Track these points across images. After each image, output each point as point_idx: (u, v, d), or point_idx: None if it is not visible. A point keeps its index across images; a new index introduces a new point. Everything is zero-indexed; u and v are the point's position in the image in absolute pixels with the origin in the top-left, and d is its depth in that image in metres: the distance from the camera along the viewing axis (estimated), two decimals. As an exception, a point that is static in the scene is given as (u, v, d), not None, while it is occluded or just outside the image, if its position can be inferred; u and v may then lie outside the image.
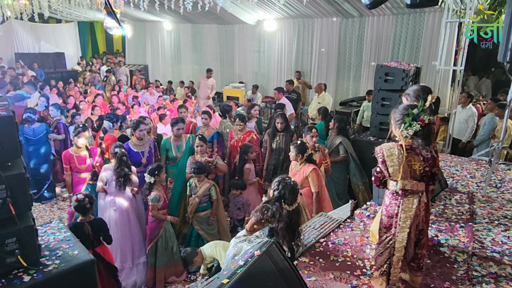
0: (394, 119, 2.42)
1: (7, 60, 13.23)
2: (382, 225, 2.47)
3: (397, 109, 2.42)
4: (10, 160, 2.27)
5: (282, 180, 2.72)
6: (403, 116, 2.33)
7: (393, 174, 2.34)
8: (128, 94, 10.23)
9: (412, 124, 2.30)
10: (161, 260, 4.26)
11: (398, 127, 2.38)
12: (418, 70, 5.46)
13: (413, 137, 2.32)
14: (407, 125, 2.31)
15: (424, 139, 2.31)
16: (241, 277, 1.78)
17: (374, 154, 2.41)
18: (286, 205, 2.64)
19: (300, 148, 3.97)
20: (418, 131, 2.29)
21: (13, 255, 2.22)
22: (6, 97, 2.51)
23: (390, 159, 2.32)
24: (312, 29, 10.27)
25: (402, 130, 2.33)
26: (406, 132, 2.31)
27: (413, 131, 2.29)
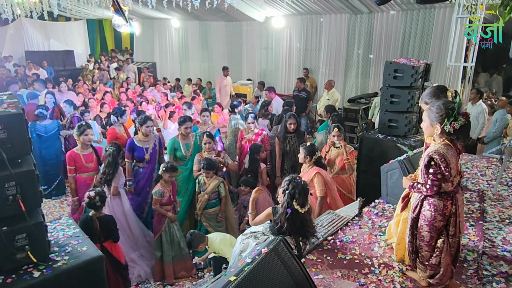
0: (433, 114, 2.29)
1: (17, 58, 13.38)
2: (434, 231, 2.35)
3: (434, 105, 2.31)
4: (20, 157, 2.29)
5: (293, 179, 2.71)
6: (447, 111, 2.23)
7: (453, 174, 2.28)
8: (136, 92, 10.28)
9: (458, 118, 2.22)
10: (167, 255, 4.30)
11: (439, 122, 2.26)
12: (428, 66, 5.39)
13: (455, 133, 2.24)
14: (452, 119, 2.22)
15: (464, 134, 2.26)
16: (248, 275, 1.78)
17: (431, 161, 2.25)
18: (299, 207, 2.62)
19: (309, 150, 3.92)
20: (463, 125, 2.22)
21: (23, 250, 2.25)
22: (16, 94, 2.53)
23: (451, 160, 2.25)
24: (320, 25, 10.21)
25: (445, 124, 2.23)
26: (451, 126, 2.22)
27: (459, 125, 2.21)
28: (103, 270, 2.59)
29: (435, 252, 2.39)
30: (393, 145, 4.97)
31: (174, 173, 4.25)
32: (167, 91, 10.62)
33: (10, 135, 2.16)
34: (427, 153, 2.30)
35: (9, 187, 2.16)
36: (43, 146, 6.12)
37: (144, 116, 4.90)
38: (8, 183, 2.15)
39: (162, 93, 9.93)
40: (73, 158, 4.41)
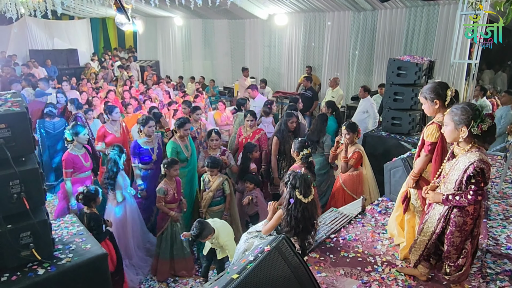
0: (458, 117, 2.19)
1: (21, 57, 13.44)
2: (464, 234, 2.32)
3: (457, 108, 2.22)
4: (24, 155, 2.31)
5: (293, 172, 2.74)
6: (473, 112, 2.14)
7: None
8: (139, 90, 10.30)
9: (485, 119, 2.13)
10: (164, 253, 4.32)
11: (465, 124, 2.16)
12: (432, 64, 5.36)
13: (482, 135, 2.15)
14: (480, 121, 2.13)
15: (491, 136, 2.19)
16: (251, 272, 1.79)
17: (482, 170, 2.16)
18: (302, 196, 2.62)
19: (299, 145, 3.88)
20: (490, 127, 2.15)
21: (27, 248, 2.26)
22: (20, 93, 2.54)
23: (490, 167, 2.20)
24: (323, 23, 10.17)
25: (473, 126, 2.13)
26: (479, 128, 2.13)
27: (487, 126, 2.13)
28: (107, 267, 2.61)
29: (463, 253, 2.37)
30: (396, 143, 4.96)
31: (176, 165, 4.24)
32: (170, 90, 10.63)
33: (14, 134, 2.17)
34: (469, 162, 2.16)
35: (14, 185, 2.18)
36: (51, 143, 6.20)
37: (145, 117, 4.88)
38: (12, 181, 2.17)
39: (164, 91, 9.94)
40: (71, 160, 4.26)
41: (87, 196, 3.52)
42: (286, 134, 5.02)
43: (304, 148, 3.85)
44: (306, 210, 2.64)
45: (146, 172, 4.86)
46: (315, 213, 2.76)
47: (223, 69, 13.21)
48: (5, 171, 2.14)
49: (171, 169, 4.20)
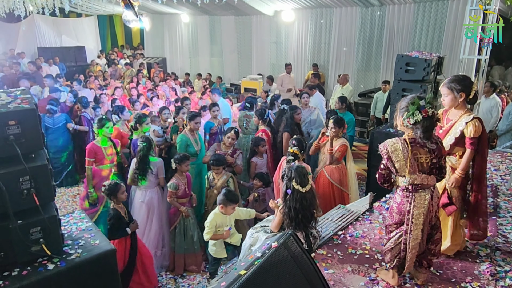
0: (398, 107, 2.37)
1: (30, 55, 13.54)
2: (393, 221, 2.44)
3: (405, 98, 2.37)
4: (34, 151, 2.33)
5: (288, 166, 2.78)
6: (408, 105, 2.28)
7: (400, 169, 2.29)
8: (146, 87, 10.34)
9: (415, 114, 2.24)
10: (179, 246, 4.36)
11: (401, 115, 2.33)
12: (441, 59, 5.30)
13: (413, 128, 2.27)
14: (410, 114, 2.26)
15: (424, 131, 2.25)
16: (258, 269, 1.79)
17: (378, 152, 2.36)
18: (299, 186, 2.64)
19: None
20: (419, 122, 2.24)
21: (37, 243, 2.29)
22: (28, 90, 2.56)
23: (395, 154, 2.27)
24: (330, 19, 10.11)
25: (404, 118, 2.29)
26: (407, 120, 2.27)
27: (414, 120, 2.24)
28: (116, 263, 2.63)
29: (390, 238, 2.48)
30: (404, 140, 4.92)
31: (187, 161, 4.27)
32: (177, 87, 10.65)
33: (24, 130, 2.19)
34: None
35: (24, 181, 2.20)
36: (50, 138, 6.25)
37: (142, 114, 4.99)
38: (22, 177, 2.19)
39: (171, 88, 9.97)
40: (94, 150, 4.51)
41: (109, 189, 3.59)
42: (293, 127, 5.07)
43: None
44: (304, 199, 2.67)
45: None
46: (314, 202, 2.78)
47: (230, 66, 13.20)
48: (15, 167, 2.17)
49: (183, 164, 4.22)
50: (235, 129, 4.90)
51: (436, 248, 2.48)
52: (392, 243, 2.45)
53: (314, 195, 2.76)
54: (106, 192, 3.61)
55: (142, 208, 4.36)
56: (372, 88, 9.50)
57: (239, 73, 12.80)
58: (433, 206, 2.36)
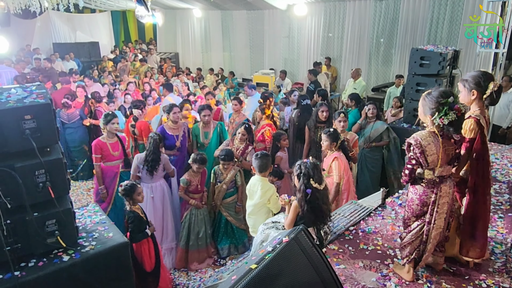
0: (426, 106, 2.28)
1: (45, 50, 13.74)
2: (412, 214, 2.43)
3: (429, 95, 2.28)
4: (49, 145, 2.37)
5: (302, 162, 2.73)
6: (438, 105, 2.20)
7: (433, 162, 2.26)
8: (159, 82, 10.41)
9: (448, 114, 2.17)
10: (183, 241, 4.41)
11: (430, 114, 2.25)
12: (457, 53, 5.20)
13: (445, 126, 2.21)
14: (442, 114, 2.18)
15: (456, 129, 2.22)
16: (269, 263, 1.79)
17: (409, 146, 2.29)
18: (317, 184, 2.61)
19: (333, 137, 3.82)
20: (453, 121, 2.17)
21: (53, 235, 2.34)
22: (44, 85, 2.60)
23: (429, 148, 2.23)
24: (343, 12, 9.99)
25: (435, 118, 2.21)
26: (440, 120, 2.19)
27: (448, 120, 2.17)
28: (129, 255, 2.67)
29: (408, 231, 2.47)
30: (418, 135, 4.85)
31: (202, 165, 4.27)
32: (189, 82, 10.70)
33: (39, 125, 2.23)
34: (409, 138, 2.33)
35: (39, 175, 2.25)
36: (67, 132, 6.40)
37: (170, 104, 4.99)
38: (38, 171, 2.24)
39: (183, 83, 10.02)
40: (99, 146, 4.46)
41: (125, 189, 3.53)
42: (314, 124, 5.02)
43: (338, 136, 3.84)
44: (321, 195, 2.65)
45: (170, 158, 4.88)
46: (328, 197, 2.79)
47: (242, 61, 13.18)
48: (31, 161, 2.21)
49: (195, 165, 4.24)
50: (246, 124, 4.89)
51: (449, 233, 2.52)
52: (412, 236, 2.43)
53: (327, 190, 2.76)
54: (122, 193, 3.55)
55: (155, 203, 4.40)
56: (386, 82, 9.38)
57: (251, 68, 12.77)
58: (454, 194, 2.40)
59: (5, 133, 2.15)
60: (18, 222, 2.24)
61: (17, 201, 2.19)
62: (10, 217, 2.20)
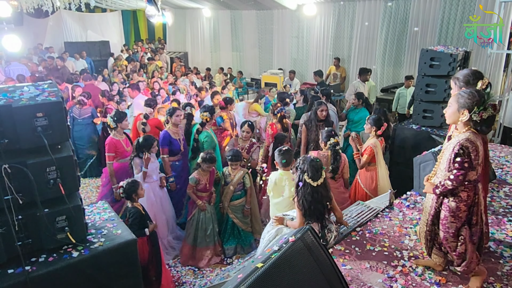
0: (463, 100, 2.23)
1: (57, 49, 13.92)
2: (459, 221, 2.32)
3: (466, 91, 2.26)
4: (60, 143, 2.41)
5: (304, 157, 2.77)
6: (479, 98, 2.19)
7: (477, 163, 2.24)
8: (168, 81, 10.47)
9: (488, 108, 2.19)
10: (189, 237, 4.44)
11: (467, 108, 2.20)
12: (467, 54, 5.14)
13: (480, 122, 2.21)
14: (482, 108, 2.18)
15: (488, 125, 2.23)
16: (275, 262, 1.80)
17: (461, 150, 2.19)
18: (310, 180, 2.64)
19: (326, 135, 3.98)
20: (490, 116, 2.19)
21: (63, 231, 2.38)
22: (55, 83, 2.64)
23: (479, 149, 2.22)
24: (353, 12, 9.95)
25: (474, 112, 2.19)
26: (479, 115, 2.18)
27: (487, 115, 2.19)
28: (137, 252, 2.70)
29: (460, 240, 2.36)
30: (427, 136, 4.82)
31: (212, 164, 4.30)
32: (198, 81, 10.74)
33: (51, 122, 2.27)
34: (456, 141, 2.23)
35: (50, 172, 2.28)
36: (76, 128, 6.45)
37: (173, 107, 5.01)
38: (49, 167, 2.28)
39: (191, 82, 10.08)
40: (114, 144, 4.48)
41: (128, 189, 3.54)
42: (314, 123, 5.00)
43: (330, 137, 3.90)
44: (316, 192, 2.66)
45: (174, 163, 4.93)
46: (327, 196, 2.76)
47: (251, 60, 13.20)
48: (42, 158, 2.25)
49: (205, 164, 4.25)
50: (248, 122, 4.90)
51: None
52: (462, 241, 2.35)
53: (327, 189, 2.75)
54: (126, 192, 3.54)
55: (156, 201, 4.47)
56: (395, 83, 9.31)
57: (260, 68, 12.79)
58: None
59: (17, 130, 2.19)
60: (29, 218, 2.28)
61: (28, 197, 2.24)
62: (22, 212, 2.24)
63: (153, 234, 3.70)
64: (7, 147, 2.18)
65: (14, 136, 2.19)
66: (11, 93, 2.32)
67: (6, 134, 2.17)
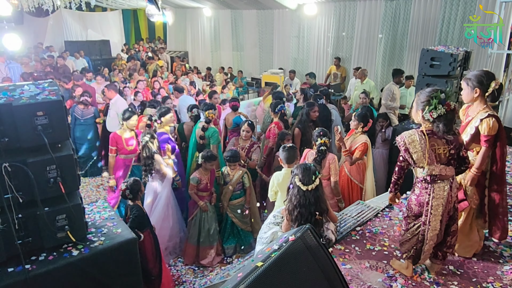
0: (418, 100, 2.35)
1: (57, 48, 13.92)
2: (411, 213, 2.47)
3: (423, 91, 2.35)
4: (60, 142, 2.41)
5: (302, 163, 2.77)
6: (429, 98, 2.26)
7: (418, 160, 2.30)
8: (168, 80, 10.47)
9: (438, 108, 2.23)
10: (192, 237, 4.45)
11: (421, 109, 2.31)
12: (468, 54, 5.14)
13: (435, 121, 2.26)
14: (432, 108, 2.24)
15: (446, 124, 2.25)
16: (275, 261, 1.80)
17: (396, 144, 2.38)
18: (301, 183, 2.61)
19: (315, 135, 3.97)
20: (442, 115, 2.23)
21: (63, 230, 2.38)
22: (56, 82, 2.65)
23: (413, 145, 2.29)
24: (354, 12, 9.95)
25: (425, 112, 2.27)
26: (430, 114, 2.25)
27: (437, 114, 2.23)
28: (137, 251, 2.71)
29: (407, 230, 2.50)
30: (427, 136, 4.82)
31: (213, 161, 4.32)
32: (199, 80, 10.74)
33: (51, 121, 2.27)
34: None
35: (50, 170, 2.29)
36: (78, 129, 6.46)
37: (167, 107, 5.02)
38: (49, 166, 2.28)
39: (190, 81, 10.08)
40: (115, 139, 4.63)
41: (133, 189, 3.52)
42: (307, 124, 4.93)
43: (319, 137, 3.88)
44: (304, 197, 2.59)
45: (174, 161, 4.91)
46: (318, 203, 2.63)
47: (251, 60, 13.20)
48: (43, 157, 2.25)
49: (208, 163, 4.26)
50: (248, 121, 4.90)
51: (452, 240, 2.49)
52: (409, 234, 2.48)
53: (318, 196, 2.63)
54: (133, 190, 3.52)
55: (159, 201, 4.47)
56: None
57: (260, 67, 12.79)
58: (452, 197, 2.36)
59: (18, 129, 2.20)
60: (29, 217, 2.28)
61: (28, 196, 2.24)
62: (22, 211, 2.25)
63: (153, 233, 3.70)
64: (7, 145, 2.19)
65: (14, 134, 2.20)
66: (12, 92, 2.32)
67: (6, 133, 2.18)
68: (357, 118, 4.24)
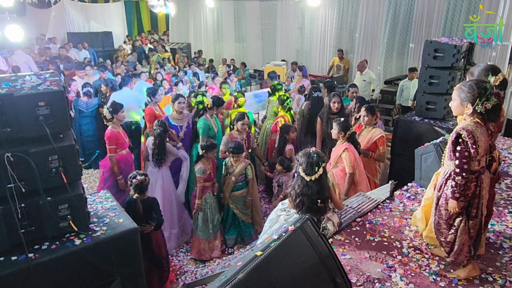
0: (465, 93, 2.24)
1: (60, 40, 13.91)
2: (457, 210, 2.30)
3: (466, 84, 2.26)
4: (62, 132, 2.43)
5: (304, 150, 2.74)
6: (480, 90, 2.19)
7: (481, 153, 2.23)
8: (170, 72, 10.45)
9: (490, 98, 2.18)
10: (200, 231, 4.47)
11: (471, 101, 2.21)
12: (472, 46, 5.09)
13: (486, 112, 2.20)
14: (485, 99, 2.18)
15: (496, 114, 2.22)
16: (275, 251, 1.82)
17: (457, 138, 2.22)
18: (304, 174, 2.61)
19: (343, 126, 3.86)
20: (493, 107, 2.18)
21: (65, 220, 2.41)
22: (57, 73, 2.65)
23: (480, 138, 2.21)
24: (357, 3, 9.86)
25: (477, 104, 2.19)
26: (483, 106, 2.18)
27: (491, 105, 2.17)
28: (138, 241, 2.73)
29: (451, 229, 2.38)
30: (430, 128, 4.80)
31: (214, 149, 4.35)
32: (201, 72, 10.71)
33: (52, 111, 2.28)
34: (455, 129, 2.25)
35: (52, 160, 2.31)
36: (83, 121, 6.47)
37: (176, 94, 5.03)
38: (51, 156, 2.30)
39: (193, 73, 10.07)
40: (115, 136, 4.43)
41: (140, 186, 3.55)
42: (328, 115, 4.95)
43: (349, 127, 3.86)
44: (306, 187, 2.62)
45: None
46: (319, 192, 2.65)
47: (254, 52, 13.15)
48: (44, 147, 2.27)
49: (209, 152, 4.29)
50: (245, 114, 4.92)
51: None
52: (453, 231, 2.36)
53: (322, 186, 2.64)
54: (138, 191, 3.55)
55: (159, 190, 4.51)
56: (399, 75, 9.25)
57: (262, 59, 12.73)
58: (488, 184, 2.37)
59: (20, 119, 2.21)
60: (32, 206, 2.30)
61: (31, 186, 2.26)
62: (25, 201, 2.27)
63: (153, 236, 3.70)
64: (9, 135, 2.20)
65: (16, 125, 2.21)
66: (13, 82, 2.33)
67: (8, 123, 2.19)
68: (369, 111, 4.18)
